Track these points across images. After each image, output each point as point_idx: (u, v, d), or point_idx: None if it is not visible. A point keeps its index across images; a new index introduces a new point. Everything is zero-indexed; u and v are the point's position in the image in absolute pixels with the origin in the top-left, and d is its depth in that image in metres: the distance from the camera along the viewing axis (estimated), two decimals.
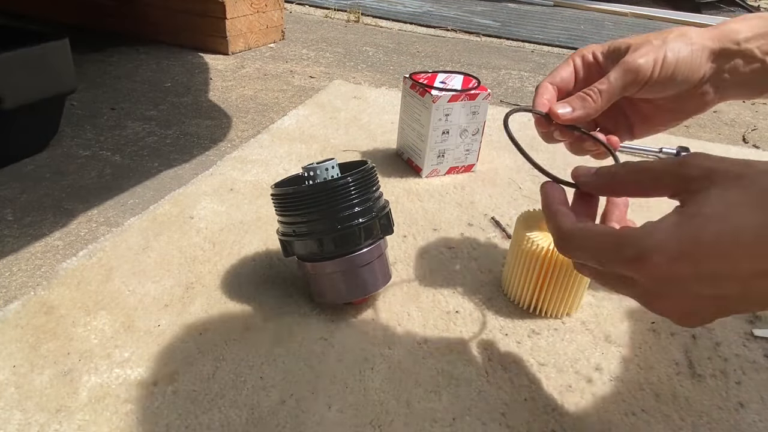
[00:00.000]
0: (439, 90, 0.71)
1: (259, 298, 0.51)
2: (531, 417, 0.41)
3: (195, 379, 0.42)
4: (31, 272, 0.54)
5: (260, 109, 1.01)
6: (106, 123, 0.90)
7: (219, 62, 1.27)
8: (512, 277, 0.51)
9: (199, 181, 0.71)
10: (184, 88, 1.09)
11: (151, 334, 0.46)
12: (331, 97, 1.05)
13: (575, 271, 0.47)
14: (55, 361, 0.42)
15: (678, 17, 2.49)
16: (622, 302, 0.54)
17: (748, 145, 1.02)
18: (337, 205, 0.44)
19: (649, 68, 0.39)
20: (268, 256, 0.57)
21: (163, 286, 0.51)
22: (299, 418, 0.39)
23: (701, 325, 0.29)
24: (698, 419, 0.42)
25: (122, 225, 0.61)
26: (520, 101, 1.17)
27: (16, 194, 0.68)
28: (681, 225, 0.26)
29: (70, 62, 0.75)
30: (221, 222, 0.62)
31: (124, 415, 0.38)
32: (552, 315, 0.51)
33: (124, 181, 0.73)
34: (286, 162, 0.77)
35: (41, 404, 0.39)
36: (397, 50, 1.53)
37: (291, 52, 1.41)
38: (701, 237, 0.25)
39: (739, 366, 0.47)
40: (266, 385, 0.42)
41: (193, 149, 0.83)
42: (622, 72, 0.39)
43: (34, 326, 0.45)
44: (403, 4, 2.18)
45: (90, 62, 1.19)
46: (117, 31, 1.42)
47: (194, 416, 0.39)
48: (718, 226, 0.25)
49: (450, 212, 0.67)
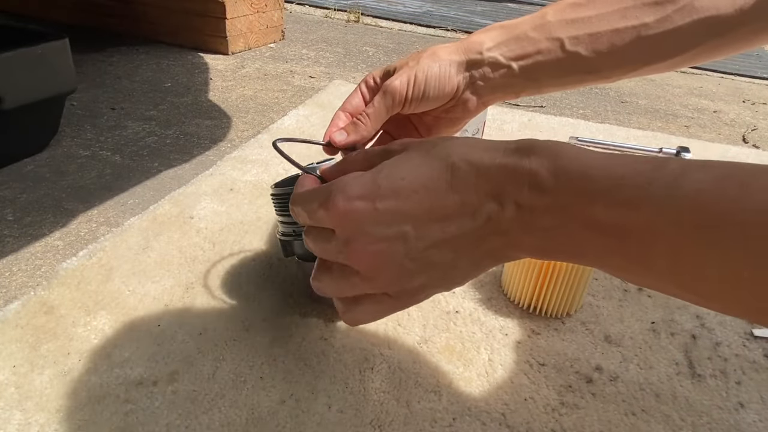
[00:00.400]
0: None
1: (259, 298, 0.51)
2: (531, 417, 0.41)
3: (195, 379, 0.42)
4: (31, 272, 0.54)
5: (260, 109, 1.02)
6: (106, 123, 0.90)
7: (219, 62, 1.27)
8: (512, 277, 0.52)
9: (199, 181, 0.71)
10: (184, 88, 1.09)
11: (151, 334, 0.46)
12: (331, 97, 1.05)
13: (575, 272, 0.47)
14: (55, 361, 0.42)
15: None
16: (622, 302, 0.54)
17: (748, 145, 1.02)
18: None
19: (404, 89, 0.44)
20: (268, 256, 0.57)
21: (163, 286, 0.51)
22: (299, 418, 0.39)
23: (400, 287, 0.32)
24: (698, 419, 0.42)
25: (122, 225, 0.61)
26: (519, 101, 1.17)
27: (16, 194, 0.68)
28: (365, 174, 0.31)
29: (70, 62, 0.75)
30: (221, 222, 0.62)
31: (124, 415, 0.38)
32: (552, 315, 0.51)
33: (124, 181, 0.73)
34: (286, 162, 0.77)
35: (41, 404, 0.39)
36: (397, 50, 1.53)
37: (291, 52, 1.41)
38: (377, 179, 0.30)
39: (739, 366, 0.47)
40: (266, 385, 0.42)
41: (193, 149, 0.83)
42: (382, 95, 0.44)
43: (34, 326, 0.45)
44: (403, 4, 2.18)
45: (90, 62, 1.19)
46: (117, 31, 1.42)
47: (194, 416, 0.39)
48: (392, 170, 0.30)
49: None
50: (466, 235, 0.30)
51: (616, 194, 0.26)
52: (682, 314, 0.53)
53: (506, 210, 0.29)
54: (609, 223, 0.26)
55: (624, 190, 0.26)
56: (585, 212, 0.27)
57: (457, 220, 0.30)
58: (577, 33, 0.45)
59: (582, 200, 0.27)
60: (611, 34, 0.45)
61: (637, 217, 0.25)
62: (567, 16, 0.46)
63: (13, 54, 0.68)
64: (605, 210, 0.26)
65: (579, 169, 0.27)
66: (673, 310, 0.53)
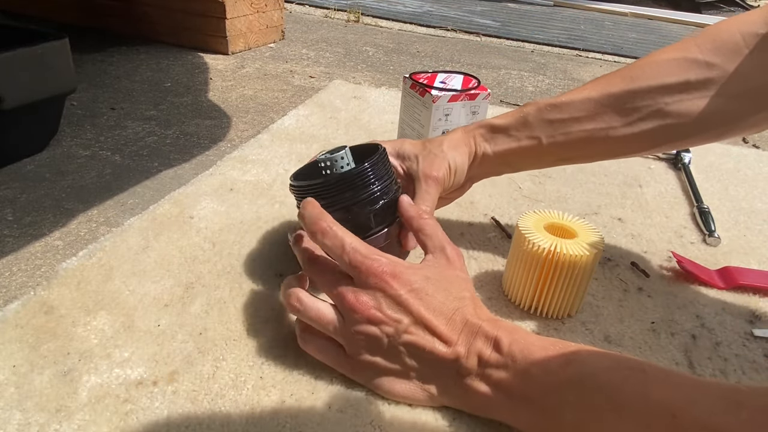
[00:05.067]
0: (439, 90, 0.71)
1: (259, 298, 0.51)
2: None
3: (195, 379, 0.42)
4: (31, 272, 0.54)
5: (260, 109, 1.02)
6: (106, 123, 0.90)
7: (219, 62, 1.27)
8: (513, 278, 0.51)
9: (199, 181, 0.71)
10: (184, 88, 1.09)
11: (151, 334, 0.46)
12: (331, 97, 1.05)
13: (577, 273, 0.47)
14: (55, 361, 0.42)
15: (678, 17, 2.49)
16: (622, 302, 0.54)
17: (748, 145, 1.02)
18: (365, 188, 0.45)
19: (447, 179, 0.52)
20: (268, 256, 0.57)
21: (163, 286, 0.51)
22: (299, 418, 0.39)
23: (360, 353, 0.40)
24: None
25: (122, 225, 0.61)
26: (519, 101, 1.18)
27: (16, 194, 0.68)
28: (413, 267, 0.41)
29: (70, 62, 0.75)
30: (221, 222, 0.62)
31: (124, 415, 0.38)
32: (552, 316, 0.51)
33: (124, 181, 0.73)
34: (286, 162, 0.77)
35: (41, 404, 0.39)
36: (397, 50, 1.53)
37: (291, 52, 1.41)
38: (413, 280, 0.40)
39: (739, 366, 0.47)
40: (266, 385, 0.42)
41: (193, 149, 0.83)
42: (435, 186, 0.51)
43: (34, 326, 0.45)
44: (403, 4, 2.18)
45: (90, 62, 1.19)
46: (117, 31, 1.42)
47: (194, 416, 0.39)
48: (426, 285, 0.40)
49: (450, 212, 0.67)
50: (437, 356, 0.38)
51: (546, 364, 0.36)
52: (682, 314, 0.53)
53: (470, 358, 0.38)
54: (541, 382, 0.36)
55: (551, 362, 0.36)
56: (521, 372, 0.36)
57: (439, 343, 0.38)
58: (553, 132, 0.52)
59: (522, 364, 0.36)
60: (582, 133, 0.51)
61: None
62: (545, 116, 0.52)
63: (13, 54, 0.68)
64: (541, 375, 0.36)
65: (525, 341, 0.37)
66: (673, 310, 0.53)
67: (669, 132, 0.49)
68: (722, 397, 0.29)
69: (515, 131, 0.53)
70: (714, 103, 0.46)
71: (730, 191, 0.79)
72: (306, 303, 0.41)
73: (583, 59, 1.65)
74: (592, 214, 0.70)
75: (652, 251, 0.63)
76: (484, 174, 0.57)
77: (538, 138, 0.52)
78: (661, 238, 0.66)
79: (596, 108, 0.50)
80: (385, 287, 0.38)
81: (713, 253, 0.64)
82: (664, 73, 0.47)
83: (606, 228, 0.67)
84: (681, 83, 0.47)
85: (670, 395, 0.30)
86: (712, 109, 0.47)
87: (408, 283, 0.39)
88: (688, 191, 0.77)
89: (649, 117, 0.48)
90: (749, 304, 0.55)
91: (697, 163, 0.86)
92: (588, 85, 0.52)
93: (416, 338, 0.38)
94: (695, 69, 0.46)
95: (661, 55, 0.49)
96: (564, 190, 0.76)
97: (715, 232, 0.65)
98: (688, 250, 0.64)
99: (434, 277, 0.41)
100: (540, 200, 0.73)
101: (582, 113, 0.50)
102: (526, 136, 0.53)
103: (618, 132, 0.50)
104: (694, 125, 0.48)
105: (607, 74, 0.51)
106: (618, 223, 0.69)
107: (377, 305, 0.38)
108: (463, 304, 0.40)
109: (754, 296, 0.56)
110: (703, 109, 0.47)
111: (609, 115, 0.49)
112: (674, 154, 0.87)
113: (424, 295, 0.39)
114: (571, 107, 0.51)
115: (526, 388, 0.36)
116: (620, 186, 0.78)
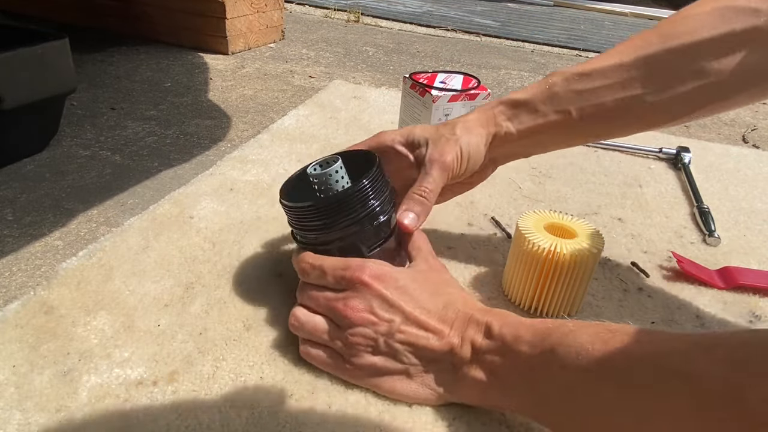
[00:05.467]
0: (439, 90, 0.71)
1: (259, 298, 0.51)
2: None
3: (195, 379, 0.42)
4: (31, 272, 0.54)
5: (260, 109, 1.02)
6: (106, 123, 0.90)
7: (219, 62, 1.27)
8: (513, 278, 0.51)
9: (199, 181, 0.71)
10: (184, 88, 1.09)
11: (151, 334, 0.46)
12: (331, 97, 1.05)
13: (577, 273, 0.47)
14: (55, 361, 0.42)
15: None
16: (622, 302, 0.54)
17: (748, 145, 1.02)
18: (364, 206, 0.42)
19: (456, 164, 0.49)
20: (268, 256, 0.57)
21: (163, 286, 0.51)
22: (299, 418, 0.39)
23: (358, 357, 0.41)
24: None
25: (122, 225, 0.61)
26: None
27: (16, 194, 0.68)
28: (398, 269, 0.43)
29: (70, 62, 0.75)
30: (221, 222, 0.62)
31: (124, 415, 0.38)
32: (552, 316, 0.51)
33: (124, 181, 0.73)
34: (286, 162, 0.77)
35: (41, 404, 0.39)
36: (397, 50, 1.53)
37: (291, 52, 1.41)
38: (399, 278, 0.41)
39: None
40: (266, 385, 0.42)
41: (193, 149, 0.83)
42: (440, 171, 0.48)
43: (34, 326, 0.45)
44: (403, 4, 2.18)
45: (90, 62, 1.19)
46: (117, 31, 1.42)
47: (194, 416, 0.39)
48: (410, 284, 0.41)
49: (450, 212, 0.67)
50: (432, 350, 0.39)
51: (532, 339, 0.36)
52: (682, 314, 0.53)
53: (464, 347, 0.38)
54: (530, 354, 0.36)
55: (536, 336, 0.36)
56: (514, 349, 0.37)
57: (432, 337, 0.39)
58: (583, 104, 0.47)
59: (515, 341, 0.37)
60: (616, 102, 0.47)
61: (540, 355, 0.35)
62: (573, 87, 0.47)
63: (13, 54, 0.68)
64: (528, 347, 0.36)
65: (515, 323, 0.38)
66: (673, 310, 0.53)
67: (709, 93, 0.45)
68: (697, 343, 0.29)
69: (541, 105, 0.48)
70: (759, 54, 0.42)
71: (730, 191, 0.79)
72: (302, 319, 0.42)
73: (583, 59, 1.65)
74: (592, 214, 0.70)
75: (652, 251, 0.63)
76: (510, 156, 0.53)
77: (567, 111, 0.47)
78: (661, 238, 0.66)
79: (629, 73, 0.45)
80: (372, 290, 0.39)
81: (713, 253, 0.64)
82: (703, 27, 0.43)
83: (606, 228, 0.67)
84: (723, 35, 0.42)
85: (650, 349, 0.31)
86: (756, 59, 0.42)
87: (394, 281, 0.40)
88: (688, 191, 0.77)
89: (689, 78, 0.44)
90: (749, 304, 0.55)
91: (697, 163, 0.86)
92: (617, 47, 0.47)
93: (410, 335, 0.39)
94: (741, 17, 0.42)
95: (697, 9, 0.45)
96: (564, 190, 0.76)
97: (715, 232, 0.65)
98: (688, 250, 0.64)
99: (420, 277, 0.42)
100: (540, 200, 0.73)
101: (614, 80, 0.46)
102: (554, 110, 0.48)
103: (655, 98, 0.45)
104: (737, 82, 0.44)
105: (636, 35, 0.47)
106: (618, 223, 0.69)
107: (368, 307, 0.39)
108: (451, 297, 0.41)
109: (754, 296, 0.56)
110: (748, 62, 0.42)
111: (644, 80, 0.45)
112: (674, 154, 0.87)
113: (412, 291, 0.40)
114: (602, 74, 0.46)
115: (515, 368, 0.36)
116: (620, 186, 0.78)
